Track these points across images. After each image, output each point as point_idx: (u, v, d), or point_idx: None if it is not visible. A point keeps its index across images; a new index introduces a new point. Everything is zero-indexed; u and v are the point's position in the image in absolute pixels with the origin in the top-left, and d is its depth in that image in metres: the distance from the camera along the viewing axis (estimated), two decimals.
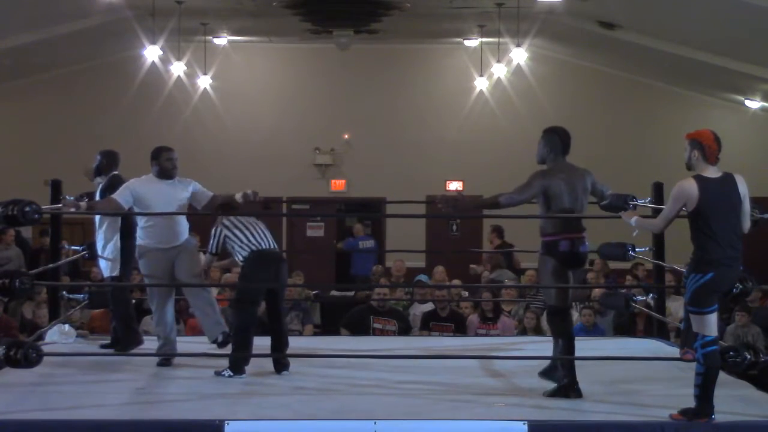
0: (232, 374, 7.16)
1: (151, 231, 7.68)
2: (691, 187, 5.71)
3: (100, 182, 8.26)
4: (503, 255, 13.60)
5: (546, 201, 6.59)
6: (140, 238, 7.75)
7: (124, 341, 8.16)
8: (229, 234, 7.45)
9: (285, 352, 7.48)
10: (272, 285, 7.49)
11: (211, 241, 7.53)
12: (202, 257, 7.96)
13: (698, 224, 5.74)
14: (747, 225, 5.94)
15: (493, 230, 15.46)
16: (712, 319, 5.77)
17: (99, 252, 8.22)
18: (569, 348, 6.57)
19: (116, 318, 8.27)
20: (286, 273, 7.83)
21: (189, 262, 7.73)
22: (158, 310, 7.72)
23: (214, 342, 7.61)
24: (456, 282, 12.81)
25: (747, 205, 5.89)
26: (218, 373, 7.17)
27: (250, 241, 7.42)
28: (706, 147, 5.77)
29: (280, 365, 7.38)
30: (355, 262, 17.11)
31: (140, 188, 7.69)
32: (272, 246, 7.52)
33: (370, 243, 17.44)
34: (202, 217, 9.35)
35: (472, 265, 14.08)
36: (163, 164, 7.75)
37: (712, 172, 5.78)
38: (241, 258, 7.46)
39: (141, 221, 7.73)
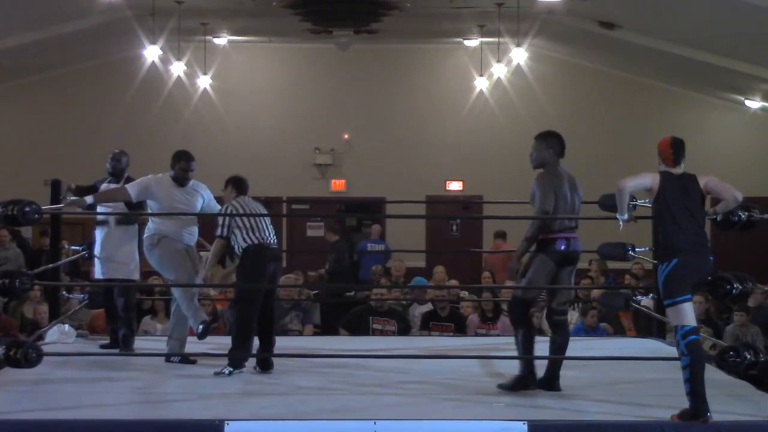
0: (232, 370, 7.18)
1: (165, 228, 7.75)
2: (655, 175, 5.99)
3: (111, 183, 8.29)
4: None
5: None
6: (153, 230, 7.77)
7: (129, 342, 8.21)
8: (237, 219, 7.39)
9: (272, 351, 7.50)
10: (271, 286, 7.50)
11: (221, 224, 7.45)
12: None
13: (660, 212, 5.93)
14: (739, 195, 6.04)
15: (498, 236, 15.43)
16: (688, 308, 5.81)
17: (113, 254, 8.19)
18: (530, 338, 6.69)
19: (125, 319, 8.29)
20: (280, 272, 7.84)
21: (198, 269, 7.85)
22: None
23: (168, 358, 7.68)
24: (454, 282, 12.81)
25: (721, 185, 6.00)
26: (218, 373, 7.18)
27: (254, 233, 7.39)
28: (662, 152, 6.06)
29: (267, 364, 7.40)
30: (365, 265, 16.82)
31: (156, 187, 7.78)
32: (274, 242, 7.52)
33: (380, 246, 17.35)
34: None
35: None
36: (177, 173, 7.85)
37: (674, 171, 6.03)
38: (240, 248, 7.42)
39: (155, 218, 7.78)
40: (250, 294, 7.43)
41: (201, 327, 7.56)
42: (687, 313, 5.80)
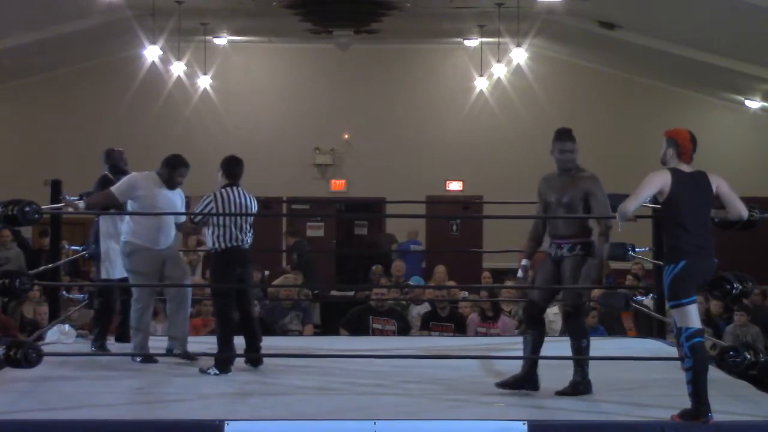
0: (218, 372, 7.19)
1: (142, 229, 7.68)
2: (665, 175, 5.82)
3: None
4: None
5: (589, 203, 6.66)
6: (129, 235, 7.72)
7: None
8: (215, 213, 7.33)
9: (259, 347, 7.53)
10: (242, 286, 7.54)
11: (198, 209, 7.40)
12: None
13: (670, 214, 5.83)
14: (744, 212, 6.01)
15: None
16: (693, 310, 5.78)
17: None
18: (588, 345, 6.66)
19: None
20: (252, 273, 7.83)
21: (181, 266, 7.90)
22: (143, 309, 7.76)
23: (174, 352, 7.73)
24: (452, 282, 12.81)
25: (730, 195, 5.95)
26: (204, 371, 7.19)
27: (225, 234, 7.35)
28: (681, 146, 5.90)
29: (256, 360, 7.45)
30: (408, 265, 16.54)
31: (141, 183, 7.71)
32: (246, 244, 7.44)
33: (419, 246, 17.26)
34: None
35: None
36: (176, 178, 7.81)
37: (685, 168, 5.89)
38: (210, 245, 7.43)
39: (133, 218, 7.72)
40: (221, 297, 7.48)
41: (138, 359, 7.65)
42: (692, 315, 5.78)
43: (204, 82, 19.43)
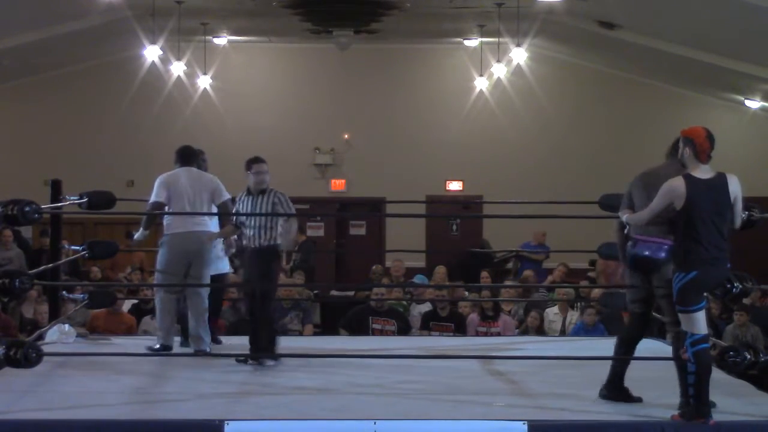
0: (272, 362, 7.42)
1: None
2: (679, 186, 5.73)
3: None
4: None
5: None
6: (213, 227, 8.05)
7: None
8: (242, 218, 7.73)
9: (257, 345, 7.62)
10: (261, 285, 7.70)
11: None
12: None
13: (683, 223, 5.75)
14: (738, 223, 5.95)
15: None
16: (700, 317, 5.77)
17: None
18: None
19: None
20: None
21: None
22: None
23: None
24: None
25: (739, 206, 5.88)
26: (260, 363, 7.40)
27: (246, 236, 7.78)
28: (698, 145, 5.78)
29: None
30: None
31: None
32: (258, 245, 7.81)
33: (545, 250, 17.10)
34: None
35: None
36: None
37: (703, 172, 5.77)
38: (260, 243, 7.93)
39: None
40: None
41: (157, 347, 7.82)
42: (699, 321, 5.76)
43: (204, 81, 19.43)
